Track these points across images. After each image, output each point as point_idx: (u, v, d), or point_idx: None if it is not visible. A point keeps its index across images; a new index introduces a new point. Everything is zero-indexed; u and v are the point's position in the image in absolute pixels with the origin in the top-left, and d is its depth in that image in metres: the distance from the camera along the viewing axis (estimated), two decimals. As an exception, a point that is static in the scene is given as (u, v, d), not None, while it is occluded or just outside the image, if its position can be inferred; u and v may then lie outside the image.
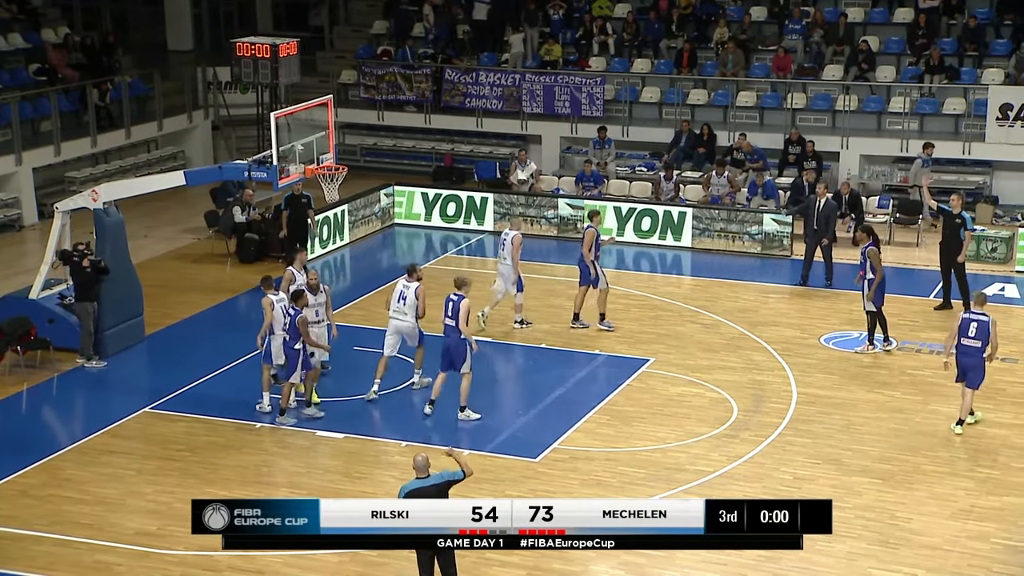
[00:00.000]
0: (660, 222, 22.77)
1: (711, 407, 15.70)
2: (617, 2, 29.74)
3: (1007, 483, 13.54)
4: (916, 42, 26.22)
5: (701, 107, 27.14)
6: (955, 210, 18.68)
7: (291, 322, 15.03)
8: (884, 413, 15.44)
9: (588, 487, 13.61)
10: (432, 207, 24.42)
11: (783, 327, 18.57)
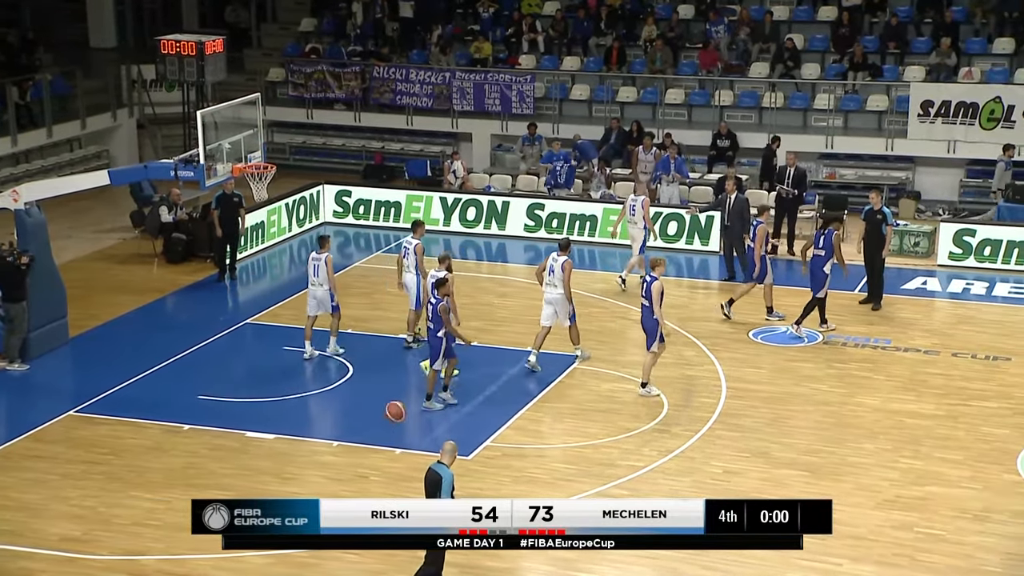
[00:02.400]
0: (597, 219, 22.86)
1: (642, 402, 15.79)
2: (546, 0, 29.82)
3: (930, 473, 13.76)
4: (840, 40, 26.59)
5: (630, 104, 27.30)
6: (876, 206, 18.98)
7: (434, 310, 15.12)
8: (811, 406, 15.63)
9: (520, 484, 13.63)
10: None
11: (712, 322, 18.73)
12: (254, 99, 22.16)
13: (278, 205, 23.26)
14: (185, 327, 18.79)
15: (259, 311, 19.52)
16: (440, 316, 15.06)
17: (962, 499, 13.12)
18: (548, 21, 29.25)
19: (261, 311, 19.50)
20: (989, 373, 16.55)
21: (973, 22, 26.46)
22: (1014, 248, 20.88)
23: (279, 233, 23.24)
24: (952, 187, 24.91)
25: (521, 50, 28.74)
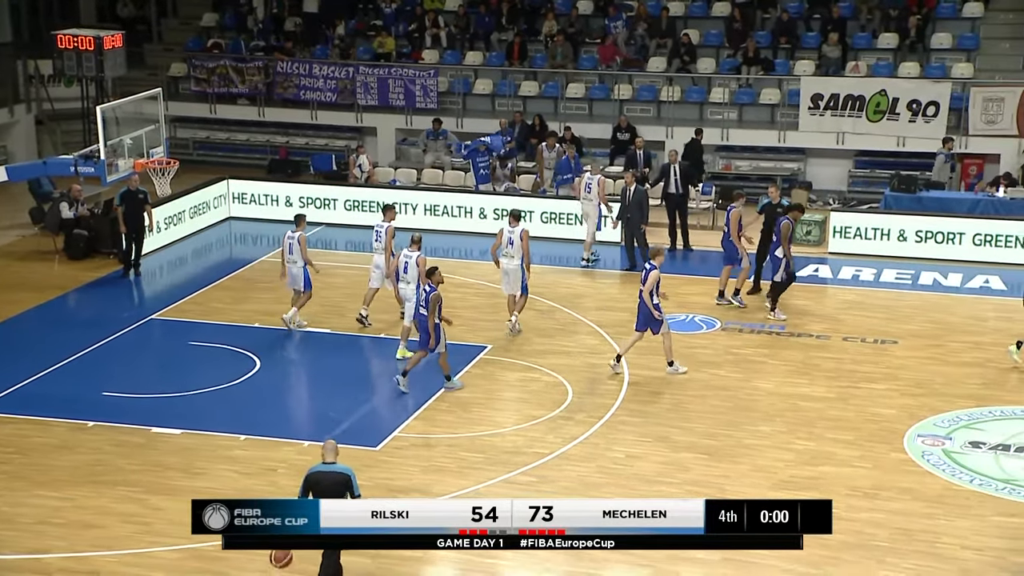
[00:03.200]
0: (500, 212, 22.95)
1: (547, 391, 15.91)
2: (450, -6, 29.83)
3: (822, 453, 14.07)
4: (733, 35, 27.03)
5: (532, 98, 27.45)
6: (774, 200, 19.30)
7: (427, 297, 15.25)
8: (709, 391, 15.89)
9: (428, 473, 13.66)
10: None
11: (615, 311, 18.92)
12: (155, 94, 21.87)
13: (182, 200, 22.94)
14: (88, 324, 18.44)
15: (164, 306, 19.24)
16: (431, 304, 15.23)
17: (853, 477, 13.44)
18: (451, 16, 29.25)
19: (166, 306, 19.23)
20: (877, 356, 16.99)
21: (859, 18, 27.09)
22: (900, 235, 21.44)
23: (184, 229, 22.92)
24: (841, 177, 25.49)
25: (424, 45, 28.70)
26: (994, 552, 11.87)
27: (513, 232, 17.40)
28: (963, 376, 16.18)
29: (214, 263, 22.20)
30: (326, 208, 23.91)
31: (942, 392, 15.65)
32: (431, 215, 23.25)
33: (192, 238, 23.01)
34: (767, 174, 25.34)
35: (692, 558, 11.87)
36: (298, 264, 17.48)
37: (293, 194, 24.21)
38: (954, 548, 11.95)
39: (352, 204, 23.83)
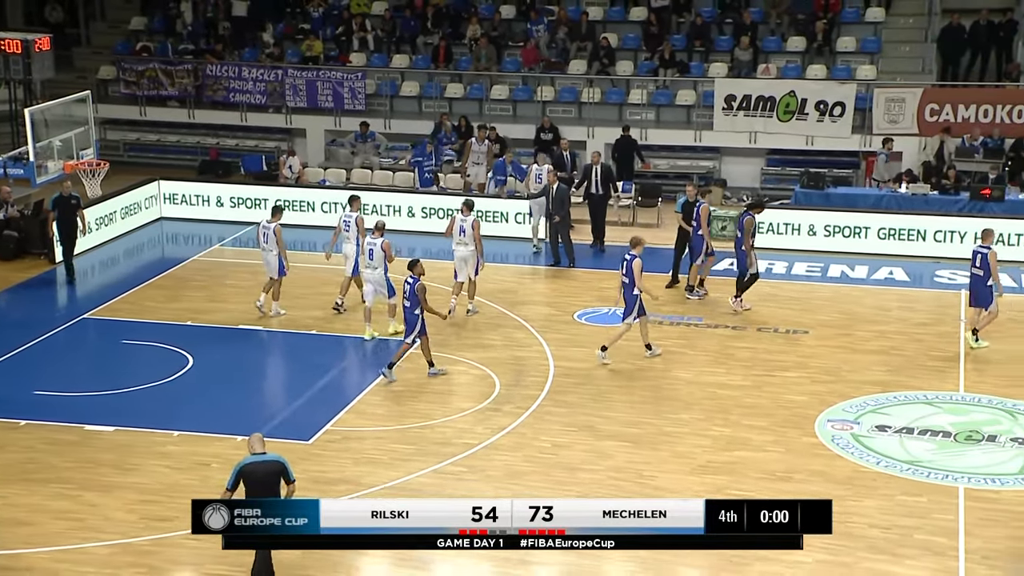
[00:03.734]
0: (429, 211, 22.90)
1: (475, 383, 15.91)
2: (374, 0, 29.65)
3: (738, 439, 14.23)
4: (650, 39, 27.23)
5: (458, 100, 27.40)
6: (691, 198, 19.39)
7: (411, 289, 15.39)
8: (631, 381, 16.00)
9: (360, 465, 13.59)
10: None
11: (540, 305, 18.99)
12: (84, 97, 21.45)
13: (113, 201, 22.55)
14: (19, 324, 18.06)
15: (96, 306, 18.90)
16: (417, 295, 15.34)
17: (767, 462, 13.62)
18: (377, 20, 29.10)
19: (99, 306, 18.89)
20: (789, 346, 17.23)
21: (769, 22, 27.43)
22: (810, 230, 21.76)
23: (115, 229, 22.53)
24: (754, 175, 25.80)
25: (351, 48, 28.53)
26: (900, 530, 12.11)
27: (465, 221, 17.89)
28: (870, 363, 16.46)
29: (146, 263, 21.88)
30: (257, 208, 23.65)
31: (850, 379, 15.90)
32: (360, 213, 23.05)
33: (123, 238, 22.63)
34: (684, 172, 25.60)
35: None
36: (273, 252, 17.80)
37: (224, 195, 23.95)
38: (863, 527, 12.16)
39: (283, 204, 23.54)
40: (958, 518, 12.28)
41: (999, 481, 13.09)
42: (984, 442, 14.01)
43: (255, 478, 10.48)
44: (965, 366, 16.26)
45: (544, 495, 12.85)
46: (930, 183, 22.92)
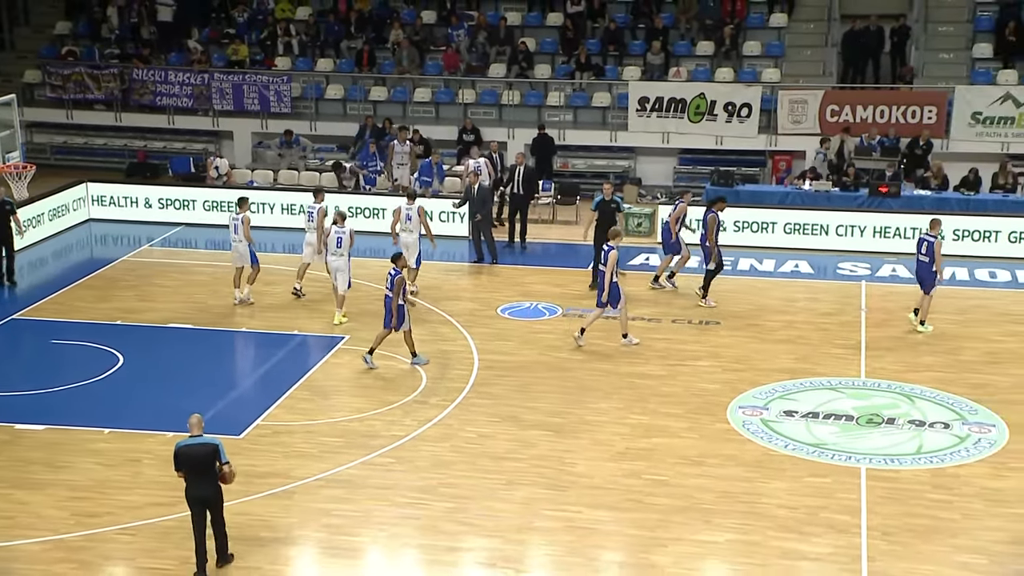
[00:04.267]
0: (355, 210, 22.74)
1: (402, 377, 15.87)
2: (298, 5, 29.39)
3: (655, 427, 14.37)
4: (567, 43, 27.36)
5: (382, 103, 27.27)
6: (607, 196, 19.42)
7: (391, 280, 15.62)
8: (553, 373, 16.06)
9: (290, 459, 13.49)
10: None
11: (464, 301, 18.99)
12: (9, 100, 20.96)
13: (41, 203, 22.07)
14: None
15: (26, 307, 18.48)
16: (396, 286, 15.57)
17: (682, 447, 13.78)
18: (301, 25, 28.83)
19: (28, 307, 18.48)
20: (702, 336, 17.43)
21: (679, 27, 27.69)
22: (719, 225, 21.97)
23: (43, 231, 22.05)
24: (667, 173, 26.05)
25: (277, 52, 28.23)
26: (807, 509, 12.34)
27: (411, 209, 18.53)
28: (778, 352, 16.73)
29: (75, 264, 21.45)
30: (186, 209, 23.36)
31: (760, 367, 16.15)
32: (288, 214, 22.89)
33: (52, 240, 22.17)
34: (601, 171, 25.79)
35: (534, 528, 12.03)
36: (242, 242, 18.04)
37: (152, 196, 23.59)
38: (771, 507, 12.37)
39: (211, 205, 23.31)
40: (860, 497, 12.54)
41: (898, 461, 13.41)
42: (884, 425, 14.33)
43: (191, 460, 10.76)
44: (866, 353, 16.60)
45: (470, 484, 12.89)
46: (831, 180, 23.35)
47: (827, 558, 11.40)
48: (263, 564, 11.39)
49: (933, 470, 13.15)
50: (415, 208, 18.56)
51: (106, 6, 29.17)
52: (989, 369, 15.94)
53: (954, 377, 15.64)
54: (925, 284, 17.29)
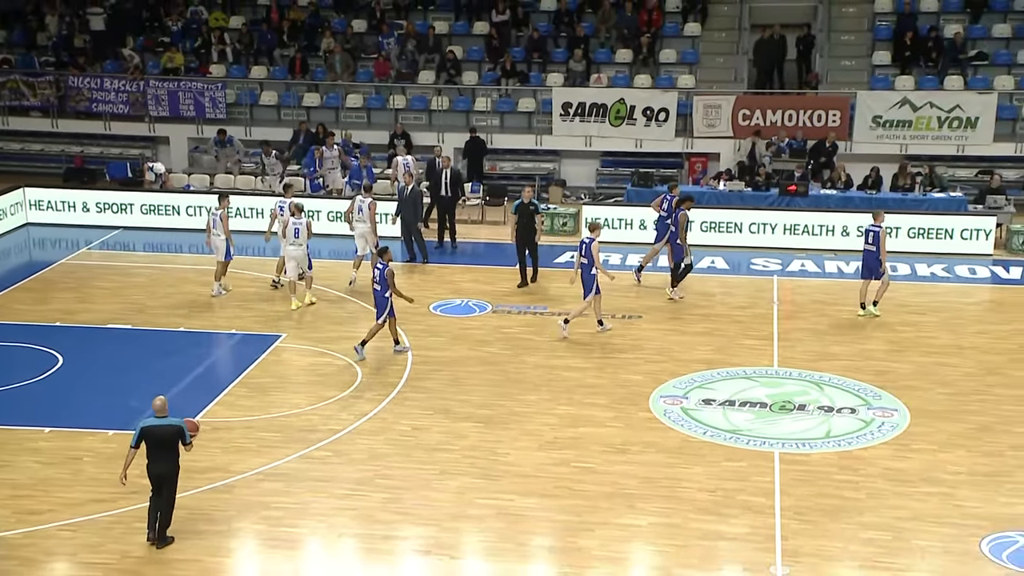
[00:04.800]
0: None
1: (339, 373, 15.77)
2: (232, 14, 29.01)
3: (582, 417, 14.45)
4: (493, 51, 27.40)
5: (315, 108, 27.05)
6: (526, 200, 19.40)
7: (381, 274, 15.81)
8: (483, 367, 16.08)
9: (229, 454, 13.34)
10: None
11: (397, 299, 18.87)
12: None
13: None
14: None
15: (-36, 311, 18.04)
16: (386, 279, 15.75)
17: (607, 436, 13.88)
18: (235, 34, 28.47)
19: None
20: (625, 330, 17.57)
21: (599, 36, 27.85)
22: (641, 224, 22.22)
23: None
24: (590, 175, 26.21)
25: (211, 60, 27.85)
26: (724, 492, 12.51)
27: (364, 202, 19.23)
28: (696, 344, 16.92)
29: (13, 267, 20.96)
30: (123, 213, 22.97)
31: (680, 358, 16.31)
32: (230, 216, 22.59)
33: (-10, 244, 21.65)
34: (527, 173, 25.86)
35: (467, 516, 12.03)
36: (220, 236, 18.33)
37: (90, 200, 23.16)
38: (692, 491, 12.53)
39: (148, 208, 22.95)
40: (774, 480, 12.74)
41: (808, 445, 13.65)
42: (795, 411, 14.57)
43: (155, 439, 11.18)
44: (778, 344, 16.87)
45: (405, 475, 12.86)
46: (744, 181, 23.68)
47: (744, 538, 11.57)
48: (203, 556, 11.25)
49: (841, 453, 13.41)
50: (367, 202, 19.15)
51: (43, 15, 28.51)
52: (891, 357, 16.30)
53: (860, 365, 15.96)
54: (873, 271, 17.70)
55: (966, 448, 13.38)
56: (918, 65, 25.91)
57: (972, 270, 20.47)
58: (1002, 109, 24.39)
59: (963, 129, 24.27)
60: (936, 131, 24.37)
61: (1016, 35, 26.19)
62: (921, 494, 12.38)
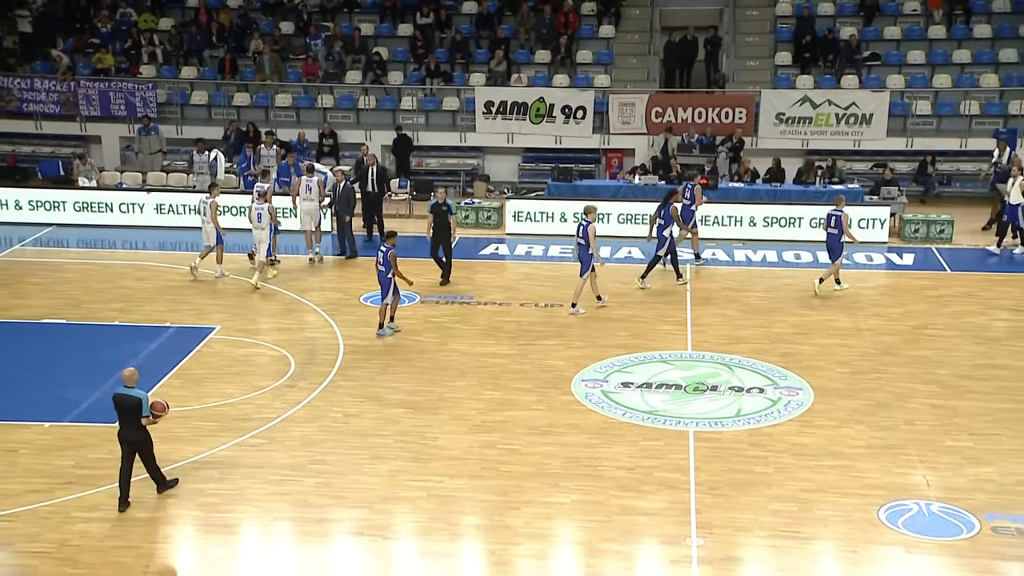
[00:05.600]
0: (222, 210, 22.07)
1: (272, 363, 15.56)
2: (161, 16, 28.40)
3: (508, 401, 14.45)
4: (417, 52, 27.26)
5: (245, 108, 26.63)
6: (440, 200, 19.17)
7: (384, 256, 16.13)
8: (413, 355, 16.00)
9: (165, 443, 13.03)
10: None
11: (329, 291, 18.73)
12: None
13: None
14: None
15: None
16: (390, 261, 16.10)
17: (532, 419, 13.90)
18: (164, 35, 27.88)
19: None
20: (547, 318, 17.62)
21: (519, 38, 27.89)
22: (561, 217, 22.33)
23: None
24: (513, 170, 26.22)
25: (141, 61, 27.24)
26: (642, 469, 12.62)
27: (311, 181, 20.01)
28: (615, 330, 17.02)
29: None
30: (56, 210, 22.39)
31: (600, 344, 16.40)
32: (158, 213, 22.19)
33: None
34: (452, 169, 25.81)
35: (398, 498, 11.97)
36: (210, 224, 18.82)
37: (23, 198, 22.52)
38: (612, 469, 12.61)
39: (81, 206, 22.40)
40: (689, 457, 12.87)
41: (721, 424, 13.84)
42: (708, 392, 14.75)
43: (120, 406, 11.53)
44: (692, 328, 17.07)
45: (338, 460, 12.75)
46: (658, 175, 23.90)
47: (661, 512, 11.69)
48: (141, 543, 11.03)
49: (750, 430, 13.61)
50: (315, 180, 19.96)
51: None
52: (796, 339, 16.60)
53: (767, 347, 16.22)
54: (833, 252, 18.26)
55: (865, 423, 13.69)
56: (816, 65, 26.39)
57: (869, 257, 20.95)
58: (894, 106, 24.98)
59: (859, 125, 24.81)
60: (834, 127, 24.86)
61: (906, 37, 26.83)
62: (824, 467, 12.64)
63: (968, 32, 26.61)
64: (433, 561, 10.95)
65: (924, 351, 15.72)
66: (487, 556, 10.98)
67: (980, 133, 24.82)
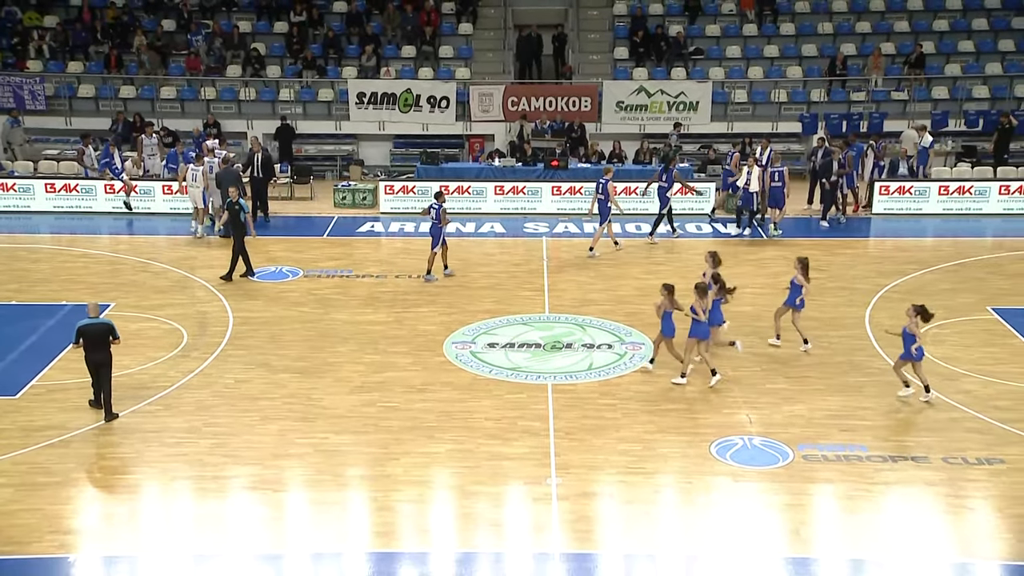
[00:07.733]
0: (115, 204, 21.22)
1: (166, 336, 15.05)
2: (46, 13, 26.81)
3: (386, 363, 14.38)
4: (293, 47, 26.56)
5: (132, 100, 25.46)
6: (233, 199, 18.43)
7: (436, 211, 17.08)
8: (298, 324, 15.72)
9: (66, 413, 12.53)
10: None
11: (218, 269, 18.16)
12: None
13: None
14: None
15: None
16: (441, 215, 17.10)
17: (408, 379, 13.87)
18: (50, 32, 26.32)
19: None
20: (421, 288, 17.53)
21: (387, 34, 27.47)
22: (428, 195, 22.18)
23: None
24: (385, 155, 25.88)
25: (28, 56, 25.68)
26: (507, 420, 12.76)
27: (197, 169, 19.62)
28: (481, 297, 17.07)
29: None
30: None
31: (468, 310, 16.43)
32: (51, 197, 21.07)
33: None
34: (330, 155, 25.33)
35: (288, 455, 11.79)
36: (199, 189, 19.52)
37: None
38: (481, 420, 12.72)
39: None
40: (548, 407, 13.08)
41: (575, 376, 14.08)
42: (564, 349, 14.98)
43: (89, 336, 12.09)
44: (548, 294, 17.29)
45: (230, 422, 12.45)
46: (515, 158, 24.00)
47: (525, 457, 11.86)
48: (44, 505, 10.57)
49: (601, 381, 13.91)
50: (200, 169, 19.71)
51: None
52: (639, 300, 16.97)
53: (614, 308, 16.56)
54: (779, 202, 20.14)
55: (697, 372, 14.16)
56: (650, 59, 26.91)
57: (698, 226, 21.59)
58: (716, 95, 25.71)
59: (687, 111, 25.45)
60: (666, 113, 25.44)
61: (724, 34, 27.62)
62: (663, 411, 13.02)
63: (776, 30, 27.57)
64: (322, 510, 10.85)
65: (746, 307, 16.31)
66: (371, 503, 10.94)
67: (788, 118, 25.83)
